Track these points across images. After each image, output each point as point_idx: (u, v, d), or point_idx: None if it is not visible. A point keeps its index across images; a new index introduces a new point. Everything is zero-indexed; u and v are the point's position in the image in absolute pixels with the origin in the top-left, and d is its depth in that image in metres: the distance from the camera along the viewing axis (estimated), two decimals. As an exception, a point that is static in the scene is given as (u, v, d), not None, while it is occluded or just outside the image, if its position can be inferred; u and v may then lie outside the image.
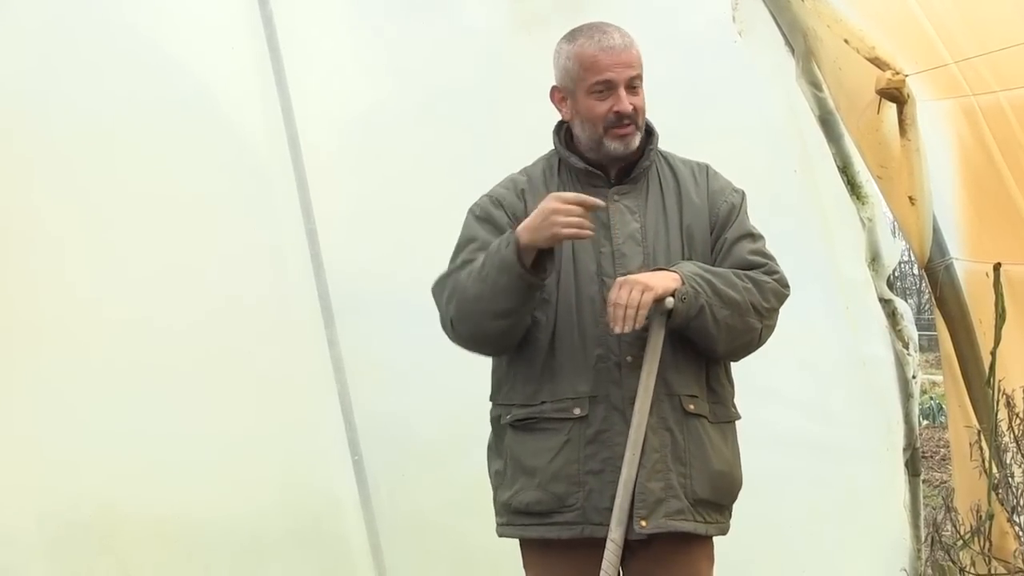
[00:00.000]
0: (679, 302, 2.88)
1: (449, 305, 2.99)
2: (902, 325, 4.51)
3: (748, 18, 4.36)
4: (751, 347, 3.05)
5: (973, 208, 4.09)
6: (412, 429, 4.19)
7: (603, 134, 2.99)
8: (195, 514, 3.92)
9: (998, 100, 3.83)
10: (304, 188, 4.10)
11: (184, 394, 3.90)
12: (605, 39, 2.99)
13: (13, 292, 3.76)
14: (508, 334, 2.97)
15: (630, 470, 2.89)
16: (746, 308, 2.95)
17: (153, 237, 3.92)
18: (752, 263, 3.02)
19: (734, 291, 2.94)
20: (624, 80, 2.97)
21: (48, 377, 3.78)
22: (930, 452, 9.02)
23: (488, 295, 2.90)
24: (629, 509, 2.90)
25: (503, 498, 3.05)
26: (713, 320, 2.91)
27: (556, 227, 2.83)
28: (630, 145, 3.00)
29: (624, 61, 2.97)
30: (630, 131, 2.99)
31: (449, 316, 3.00)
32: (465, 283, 2.95)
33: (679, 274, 2.91)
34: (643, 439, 2.90)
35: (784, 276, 3.06)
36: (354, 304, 4.14)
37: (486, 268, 2.91)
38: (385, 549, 4.13)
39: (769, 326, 3.03)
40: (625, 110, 2.96)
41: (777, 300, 3.03)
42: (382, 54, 4.28)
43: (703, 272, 2.94)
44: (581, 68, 2.99)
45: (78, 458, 3.78)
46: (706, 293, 2.90)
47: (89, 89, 3.86)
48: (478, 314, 2.94)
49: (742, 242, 3.04)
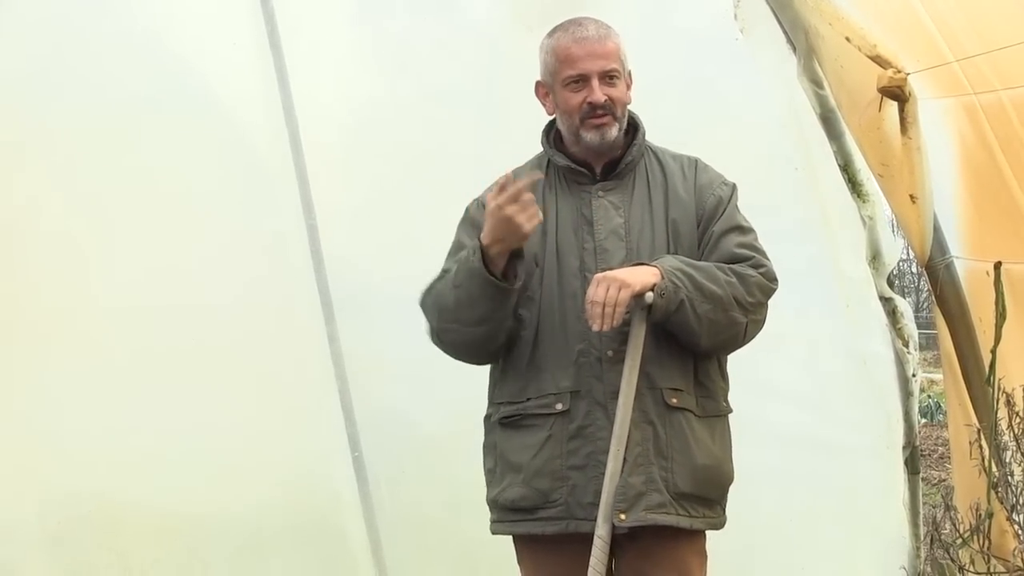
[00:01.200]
0: (658, 297, 2.87)
1: (432, 317, 3.03)
2: (902, 323, 4.51)
3: (749, 15, 4.36)
4: (737, 341, 3.03)
5: (974, 206, 4.08)
6: (412, 425, 4.19)
7: (579, 125, 3.00)
8: (195, 509, 3.93)
9: (1000, 98, 3.82)
10: (305, 183, 4.10)
11: (184, 389, 3.91)
12: (579, 31, 3.01)
13: (14, 286, 3.77)
14: (489, 340, 2.98)
15: (615, 465, 2.89)
16: (729, 302, 2.94)
17: (154, 232, 3.93)
18: (739, 256, 3.00)
19: (716, 285, 2.92)
20: (597, 71, 2.98)
21: (48, 371, 3.79)
22: (928, 450, 9.02)
23: (464, 303, 2.93)
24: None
25: (492, 495, 3.07)
26: (694, 315, 2.90)
27: (519, 227, 2.84)
28: (606, 136, 3.00)
29: (597, 52, 2.99)
30: (606, 121, 2.99)
31: (433, 327, 3.03)
32: (443, 292, 2.98)
33: (659, 269, 2.89)
34: (627, 434, 2.90)
35: (772, 270, 3.03)
36: (355, 300, 4.14)
37: (459, 278, 2.93)
38: (385, 545, 4.14)
39: (756, 321, 3.02)
40: (597, 100, 2.97)
41: (763, 294, 3.00)
42: (383, 50, 4.28)
43: (684, 266, 2.93)
44: (557, 61, 3.02)
45: (78, 452, 3.79)
46: (686, 287, 2.89)
47: (91, 85, 3.86)
48: (459, 323, 2.96)
49: (730, 235, 3.03)
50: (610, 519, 2.89)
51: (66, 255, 3.85)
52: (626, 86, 3.04)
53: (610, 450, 2.90)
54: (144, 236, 3.92)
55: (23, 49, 3.79)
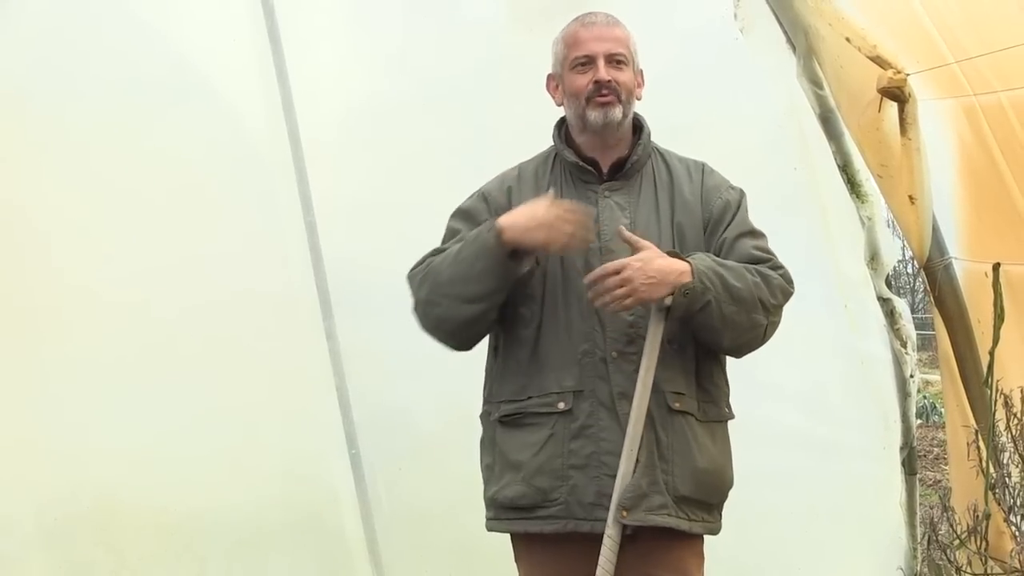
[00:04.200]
0: (682, 296, 2.86)
1: (421, 288, 2.99)
2: (900, 324, 4.51)
3: (749, 16, 4.36)
4: (757, 342, 3.03)
5: (973, 208, 4.08)
6: (410, 423, 4.19)
7: (584, 105, 3.00)
8: (192, 506, 3.93)
9: (999, 100, 3.82)
10: (304, 180, 4.10)
11: (182, 386, 3.91)
12: (588, 18, 3.05)
13: (12, 282, 3.77)
14: (476, 322, 2.96)
15: (627, 465, 2.89)
16: (754, 304, 2.94)
17: (153, 228, 3.93)
18: (757, 258, 3.01)
19: (744, 286, 2.92)
20: (603, 52, 2.99)
21: (46, 368, 3.79)
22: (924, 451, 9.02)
23: (462, 278, 2.90)
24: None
25: (490, 492, 3.06)
26: (720, 315, 2.90)
27: (556, 237, 2.85)
28: (610, 115, 2.99)
29: (604, 36, 3.01)
30: (610, 100, 2.98)
31: (420, 299, 2.99)
32: (440, 267, 2.96)
33: (691, 267, 2.89)
34: (640, 435, 2.89)
35: (789, 273, 3.05)
36: (353, 297, 4.14)
37: (464, 252, 2.91)
38: (382, 542, 4.14)
39: (774, 323, 3.03)
40: (602, 78, 2.97)
41: (784, 296, 3.02)
42: (383, 46, 4.28)
43: (716, 266, 2.92)
44: (565, 46, 3.05)
45: (76, 449, 3.79)
46: (715, 288, 2.88)
47: (90, 81, 3.87)
48: (450, 298, 2.93)
49: (743, 239, 3.03)
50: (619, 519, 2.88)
51: (62, 251, 3.85)
52: (635, 78, 3.05)
53: (623, 450, 2.89)
54: (141, 233, 3.92)
55: (22, 46, 3.79)
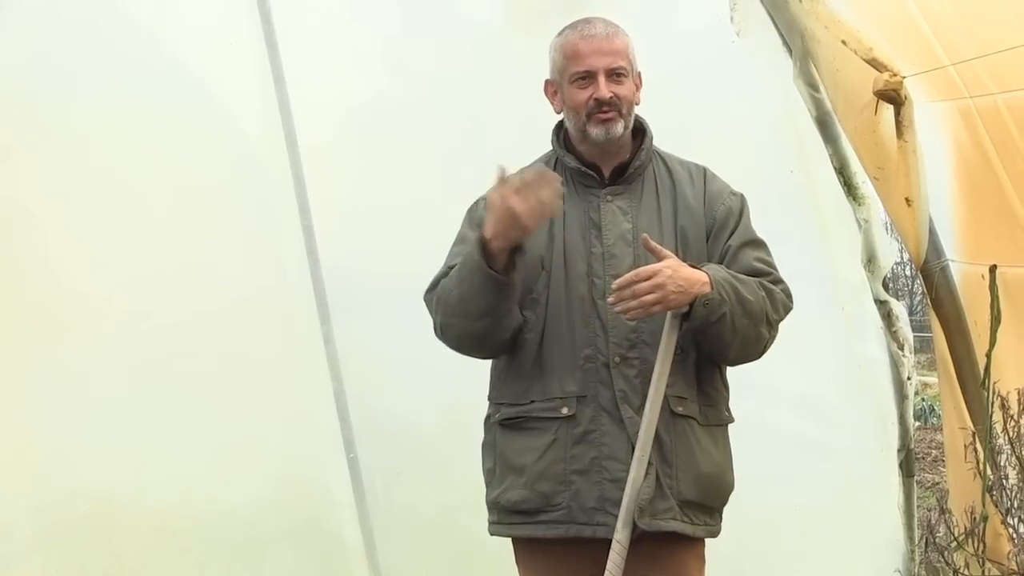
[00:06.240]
0: (701, 307, 2.86)
1: (437, 312, 3.01)
2: (898, 326, 4.51)
3: (746, 18, 4.36)
4: (755, 356, 3.05)
5: (969, 210, 4.08)
6: (408, 427, 4.20)
7: (585, 121, 3.00)
8: (191, 509, 3.92)
9: (995, 102, 3.82)
10: (301, 183, 4.11)
11: (180, 389, 3.91)
12: (588, 29, 3.02)
13: (9, 286, 3.76)
14: (493, 333, 2.96)
15: (639, 470, 2.88)
16: (761, 318, 2.96)
17: (150, 232, 3.93)
18: (759, 271, 3.02)
19: (755, 299, 2.94)
20: (604, 68, 2.99)
21: (44, 372, 3.78)
22: (921, 453, 9.03)
23: (467, 297, 2.91)
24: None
25: (492, 496, 3.06)
26: (731, 328, 2.91)
27: (519, 218, 2.82)
28: (611, 131, 2.99)
29: (604, 50, 2.99)
30: (611, 117, 2.99)
31: (438, 323, 3.02)
32: (448, 287, 2.97)
33: (710, 278, 2.89)
34: (652, 440, 2.89)
35: (788, 288, 3.07)
36: (350, 300, 4.15)
37: (463, 271, 2.92)
38: (379, 546, 4.14)
39: (773, 337, 3.05)
40: (602, 96, 2.97)
41: (784, 312, 3.05)
42: (380, 49, 4.28)
43: (731, 278, 2.93)
44: (564, 58, 3.03)
45: (74, 453, 3.78)
46: (730, 301, 2.89)
47: (87, 84, 3.86)
48: (461, 316, 2.95)
49: (747, 249, 3.05)
50: (629, 524, 2.87)
51: (59, 255, 3.84)
52: (635, 86, 3.05)
53: (634, 455, 2.89)
54: (139, 236, 3.92)
55: (18, 47, 3.79)
